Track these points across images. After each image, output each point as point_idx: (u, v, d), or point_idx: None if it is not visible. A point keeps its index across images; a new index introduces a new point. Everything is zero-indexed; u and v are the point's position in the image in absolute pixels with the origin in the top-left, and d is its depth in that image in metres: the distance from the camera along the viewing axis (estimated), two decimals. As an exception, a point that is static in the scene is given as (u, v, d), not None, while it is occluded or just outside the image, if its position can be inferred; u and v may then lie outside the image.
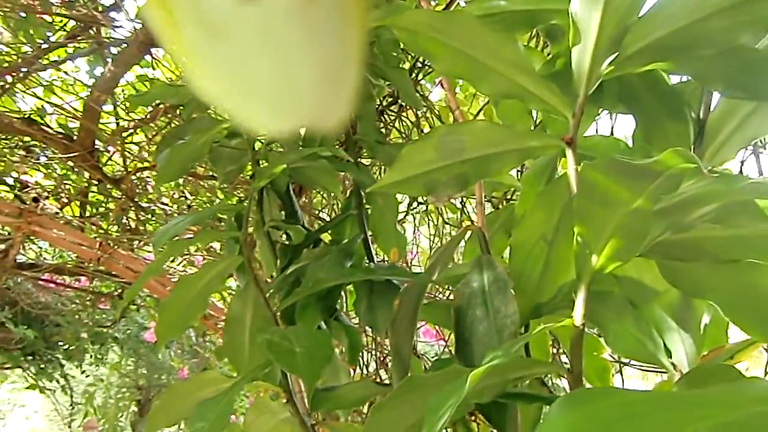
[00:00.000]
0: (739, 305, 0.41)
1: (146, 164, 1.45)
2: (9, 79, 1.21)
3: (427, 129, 1.03)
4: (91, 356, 3.29)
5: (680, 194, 0.29)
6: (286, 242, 0.83)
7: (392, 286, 0.60)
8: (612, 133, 0.79)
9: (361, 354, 1.02)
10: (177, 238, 0.75)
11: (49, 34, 1.36)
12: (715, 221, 0.31)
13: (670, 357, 0.46)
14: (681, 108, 0.52)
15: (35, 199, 1.64)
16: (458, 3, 0.97)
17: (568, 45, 0.46)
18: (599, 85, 0.47)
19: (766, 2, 0.41)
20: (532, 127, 0.71)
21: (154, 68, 1.50)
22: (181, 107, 0.96)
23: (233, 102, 0.13)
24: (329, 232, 0.81)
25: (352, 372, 0.92)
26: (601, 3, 0.44)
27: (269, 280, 0.98)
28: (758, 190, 0.25)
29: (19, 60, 1.24)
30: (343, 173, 0.95)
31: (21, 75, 1.21)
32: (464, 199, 1.01)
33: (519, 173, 0.86)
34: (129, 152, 1.48)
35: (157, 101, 0.87)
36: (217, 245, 1.70)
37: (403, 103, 0.98)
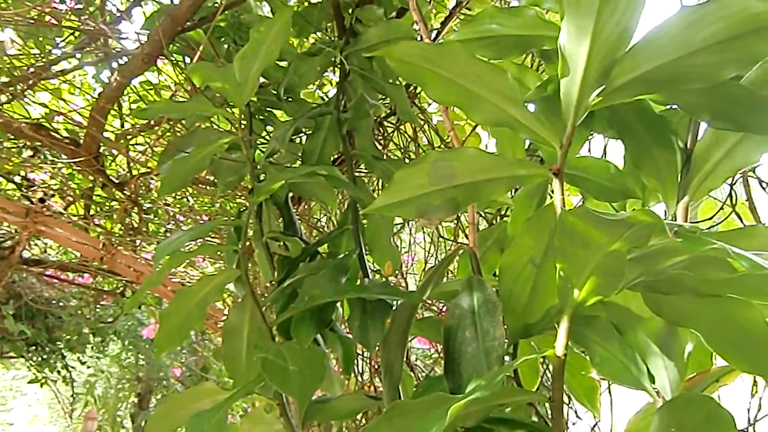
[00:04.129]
0: (719, 335, 0.42)
1: (150, 167, 1.47)
2: (19, 86, 1.23)
3: (424, 142, 1.04)
4: (92, 348, 3.32)
5: (651, 246, 0.30)
6: (284, 253, 0.84)
7: (385, 304, 0.61)
8: (605, 155, 0.80)
9: (356, 362, 1.03)
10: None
11: (58, 39, 1.38)
12: (687, 269, 0.33)
13: (654, 382, 0.48)
14: (668, 136, 0.53)
15: (41, 200, 1.66)
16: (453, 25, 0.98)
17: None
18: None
19: (751, 40, 0.42)
20: (526, 146, 0.72)
21: (159, 73, 1.52)
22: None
23: None
24: (326, 244, 0.83)
25: (346, 380, 0.93)
26: (589, 36, 0.45)
27: (268, 285, 0.99)
28: (724, 251, 0.26)
29: (29, 68, 1.25)
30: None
31: (30, 82, 1.23)
32: (460, 212, 1.02)
33: (514, 190, 0.88)
34: (133, 155, 1.50)
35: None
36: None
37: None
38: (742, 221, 0.69)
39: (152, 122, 1.27)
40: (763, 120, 0.44)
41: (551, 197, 0.52)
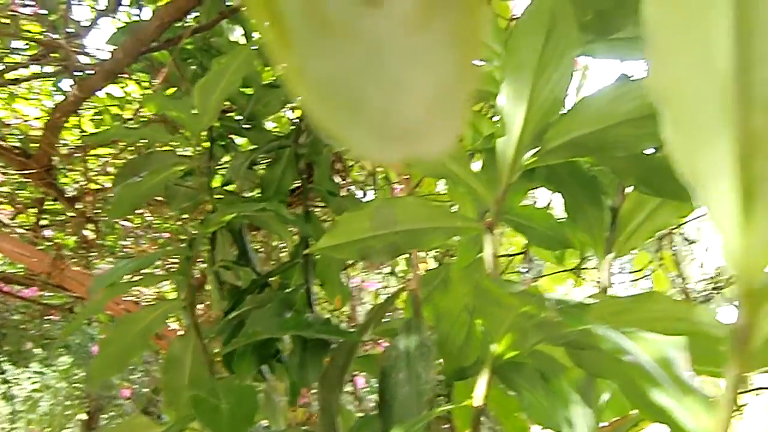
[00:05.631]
0: (632, 387, 0.45)
1: (107, 183, 1.45)
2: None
3: (382, 176, 1.06)
4: (38, 363, 3.19)
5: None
6: (237, 283, 0.85)
7: (325, 342, 0.62)
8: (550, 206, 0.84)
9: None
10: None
11: (15, 45, 1.36)
12: (580, 337, 0.35)
13: (572, 427, 0.50)
14: (599, 195, 0.56)
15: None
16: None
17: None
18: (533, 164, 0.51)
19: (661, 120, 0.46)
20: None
21: (125, 86, 1.51)
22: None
23: (339, 123, 0.12)
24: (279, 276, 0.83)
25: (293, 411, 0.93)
26: (526, 101, 0.48)
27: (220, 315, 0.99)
28: (591, 331, 0.29)
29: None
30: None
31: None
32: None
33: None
34: (90, 168, 1.48)
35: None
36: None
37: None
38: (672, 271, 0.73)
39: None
40: (678, 188, 0.47)
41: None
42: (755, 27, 0.19)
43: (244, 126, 1.00)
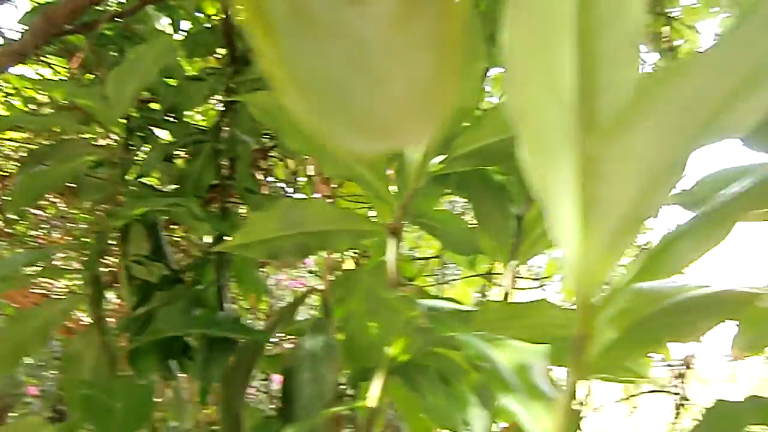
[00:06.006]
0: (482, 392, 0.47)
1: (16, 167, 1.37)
2: None
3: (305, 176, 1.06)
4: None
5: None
6: (148, 279, 0.82)
7: (232, 341, 0.61)
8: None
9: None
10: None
11: None
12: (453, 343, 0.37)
13: (468, 429, 0.52)
14: (505, 203, 0.58)
15: None
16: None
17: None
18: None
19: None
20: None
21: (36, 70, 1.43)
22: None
23: (320, 117, 0.12)
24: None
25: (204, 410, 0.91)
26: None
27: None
28: (454, 338, 0.30)
29: None
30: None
31: None
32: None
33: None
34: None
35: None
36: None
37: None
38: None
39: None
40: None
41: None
42: (599, 58, 0.21)
43: (165, 118, 0.97)
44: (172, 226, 1.11)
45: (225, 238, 0.75)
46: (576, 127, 0.20)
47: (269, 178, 1.09)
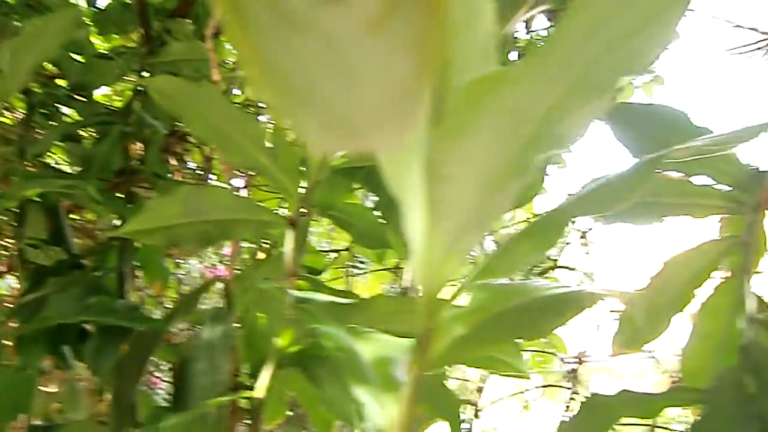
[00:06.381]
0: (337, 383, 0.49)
1: None
2: None
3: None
4: None
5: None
6: (45, 264, 0.78)
7: (126, 330, 0.60)
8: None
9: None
10: None
11: None
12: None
13: (362, 421, 0.53)
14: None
15: None
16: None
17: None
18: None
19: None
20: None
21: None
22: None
23: (292, 113, 0.12)
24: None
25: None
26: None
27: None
28: (328, 332, 0.31)
29: None
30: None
31: None
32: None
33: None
34: None
35: None
36: None
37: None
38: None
39: None
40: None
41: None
42: (450, 63, 0.22)
43: (74, 96, 0.92)
44: (82, 211, 1.06)
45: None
46: (424, 130, 0.21)
47: (191, 165, 1.06)
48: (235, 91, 1.03)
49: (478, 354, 0.39)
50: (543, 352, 1.25)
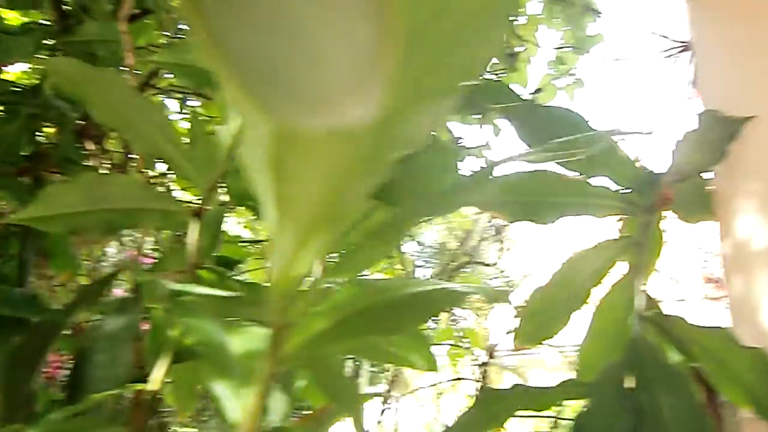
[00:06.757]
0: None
1: None
2: None
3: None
4: None
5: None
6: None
7: (22, 320, 0.57)
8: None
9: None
10: None
11: None
12: None
13: (266, 414, 0.53)
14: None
15: None
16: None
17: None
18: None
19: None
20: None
21: None
22: None
23: (255, 92, 0.11)
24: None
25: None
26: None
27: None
28: (193, 324, 0.32)
29: None
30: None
31: None
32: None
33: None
34: None
35: None
36: None
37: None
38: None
39: None
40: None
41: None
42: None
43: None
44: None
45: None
46: (273, 129, 0.21)
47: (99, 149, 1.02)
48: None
49: (340, 349, 0.40)
50: (458, 346, 1.29)
